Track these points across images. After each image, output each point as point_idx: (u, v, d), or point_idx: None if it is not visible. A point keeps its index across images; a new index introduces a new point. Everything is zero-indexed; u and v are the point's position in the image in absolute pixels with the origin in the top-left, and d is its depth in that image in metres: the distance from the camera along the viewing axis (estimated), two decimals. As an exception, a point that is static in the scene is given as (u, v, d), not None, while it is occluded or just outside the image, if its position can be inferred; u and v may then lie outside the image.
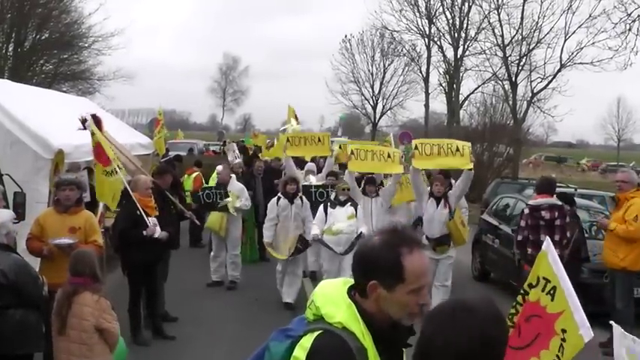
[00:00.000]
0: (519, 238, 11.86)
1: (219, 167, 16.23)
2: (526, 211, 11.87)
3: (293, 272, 14.28)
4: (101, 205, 13.00)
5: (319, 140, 17.07)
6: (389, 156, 14.11)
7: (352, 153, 14.12)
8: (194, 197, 15.73)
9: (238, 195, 15.43)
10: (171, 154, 23.96)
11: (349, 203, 13.61)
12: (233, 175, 15.92)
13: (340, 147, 20.47)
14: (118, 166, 11.38)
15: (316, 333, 3.19)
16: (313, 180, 17.10)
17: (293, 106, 22.86)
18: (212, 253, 15.68)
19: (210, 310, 13.34)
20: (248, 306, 13.83)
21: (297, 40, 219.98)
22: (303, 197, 14.41)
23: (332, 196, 14.04)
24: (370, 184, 14.65)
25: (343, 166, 20.87)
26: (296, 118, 22.01)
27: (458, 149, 12.93)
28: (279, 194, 14.30)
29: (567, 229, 12.02)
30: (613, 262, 11.86)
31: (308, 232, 13.98)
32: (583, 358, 8.29)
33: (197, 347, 11.15)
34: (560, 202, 12.03)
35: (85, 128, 11.34)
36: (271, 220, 14.12)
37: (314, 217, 14.08)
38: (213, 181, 16.53)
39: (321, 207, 13.90)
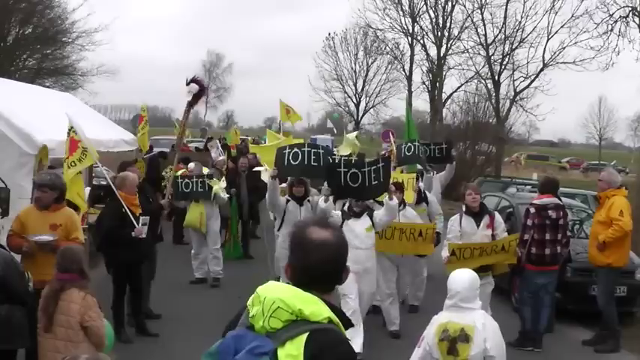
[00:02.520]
0: (526, 237, 11.77)
1: (192, 164, 16.28)
2: (532, 210, 11.82)
3: None
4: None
5: None
6: (420, 234, 12.28)
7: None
8: (173, 184, 14.41)
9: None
10: (156, 150, 23.89)
11: (365, 213, 11.52)
12: (205, 171, 16.02)
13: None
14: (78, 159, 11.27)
15: (304, 336, 3.15)
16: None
17: (284, 101, 22.67)
18: (193, 251, 15.70)
19: (194, 308, 13.32)
20: (231, 303, 13.79)
21: (283, 38, 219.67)
22: (312, 199, 13.31)
23: (345, 207, 11.67)
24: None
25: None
26: (288, 112, 21.82)
27: (503, 248, 11.37)
28: (286, 196, 13.33)
29: (567, 229, 12.31)
30: (599, 259, 11.95)
31: None
32: (570, 357, 8.35)
33: (180, 345, 11.12)
34: (562, 202, 12.14)
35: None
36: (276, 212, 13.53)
37: None
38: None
39: (339, 215, 11.74)
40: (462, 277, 7.18)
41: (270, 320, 3.22)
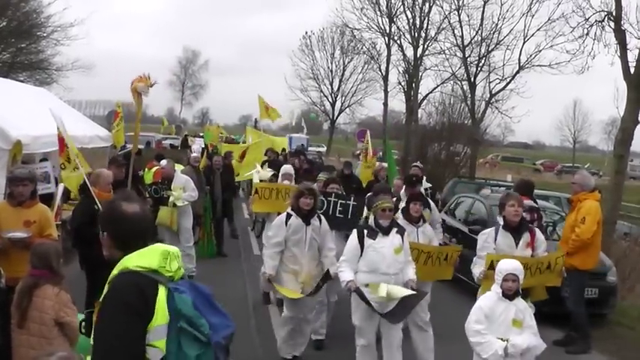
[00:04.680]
0: None
1: (163, 162, 16.01)
2: None
3: (304, 318, 10.70)
4: (58, 197, 12.89)
5: None
6: (446, 258, 10.92)
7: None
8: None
9: (183, 187, 15.26)
10: (129, 146, 23.83)
11: (395, 229, 9.44)
12: (177, 169, 15.84)
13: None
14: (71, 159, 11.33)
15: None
16: None
17: (261, 98, 22.61)
18: None
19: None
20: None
21: (264, 36, 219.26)
22: (322, 216, 10.82)
23: (370, 220, 9.66)
24: (415, 200, 10.97)
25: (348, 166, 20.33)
26: (267, 109, 21.77)
27: (549, 266, 9.86)
28: (288, 211, 10.63)
29: (542, 231, 12.24)
30: (566, 262, 12.03)
31: (328, 264, 10.45)
32: (542, 356, 8.48)
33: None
34: (537, 205, 12.18)
35: None
36: (275, 245, 10.48)
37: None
38: (148, 175, 16.48)
39: (353, 235, 9.51)
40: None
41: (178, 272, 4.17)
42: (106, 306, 3.98)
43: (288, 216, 10.45)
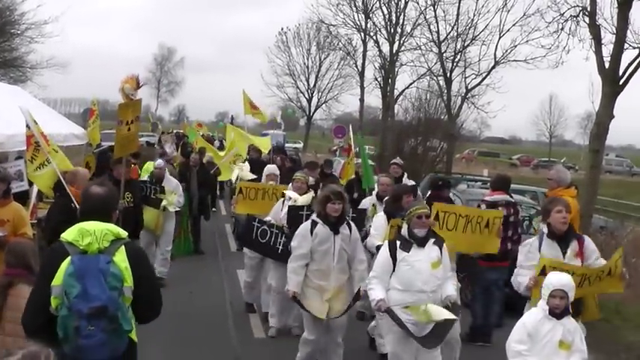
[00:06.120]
0: None
1: (160, 162, 15.48)
2: (483, 207, 11.84)
3: (333, 340, 9.54)
4: (33, 196, 12.81)
5: (283, 196, 12.20)
6: (487, 225, 9.83)
7: (437, 218, 9.41)
8: None
9: (174, 191, 15.07)
10: (104, 144, 23.70)
11: (432, 240, 8.34)
12: (166, 172, 15.49)
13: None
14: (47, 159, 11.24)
15: (123, 247, 5.35)
16: (297, 197, 11.63)
17: (246, 94, 22.36)
18: None
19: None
20: (183, 299, 13.75)
21: (241, 33, 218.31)
22: (352, 223, 9.67)
23: (403, 230, 8.42)
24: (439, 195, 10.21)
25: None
26: (252, 106, 21.52)
27: (610, 272, 8.52)
28: (313, 218, 9.52)
29: (518, 226, 12.32)
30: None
31: (358, 279, 9.30)
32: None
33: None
34: (513, 200, 12.22)
35: None
36: (299, 258, 9.35)
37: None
38: (146, 172, 16.27)
39: (384, 248, 8.48)
40: None
41: (103, 242, 5.27)
42: None
43: (314, 224, 9.31)
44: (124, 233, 5.47)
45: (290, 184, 12.20)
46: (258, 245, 11.45)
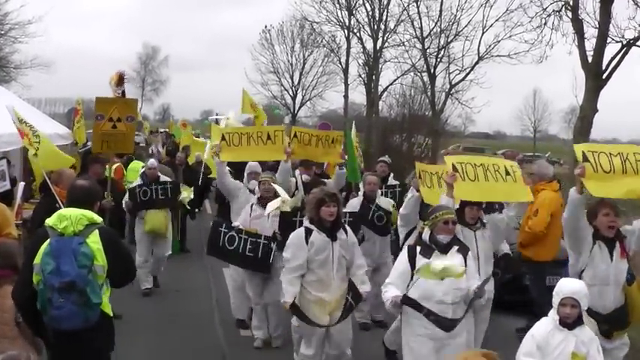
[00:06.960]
0: None
1: (153, 161, 15.14)
2: None
3: (341, 355, 8.89)
4: (18, 196, 12.77)
5: (269, 138, 11.62)
6: (507, 173, 8.78)
7: (455, 169, 8.59)
8: (130, 194, 14.12)
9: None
10: (90, 144, 23.62)
11: (455, 247, 7.67)
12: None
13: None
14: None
15: (97, 230, 6.13)
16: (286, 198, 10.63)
17: (246, 93, 22.18)
18: (140, 259, 13.77)
19: (130, 304, 13.08)
20: (170, 297, 13.74)
21: (227, 31, 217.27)
22: (347, 227, 8.95)
23: (425, 234, 7.79)
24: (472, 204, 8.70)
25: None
26: (252, 107, 21.39)
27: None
28: (306, 224, 8.79)
29: None
30: (523, 253, 12.13)
31: (359, 284, 8.63)
32: (506, 345, 8.25)
33: (119, 339, 11.01)
34: None
35: None
36: (295, 269, 8.59)
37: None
38: (132, 173, 16.18)
39: (403, 254, 7.86)
40: None
41: (77, 226, 6.03)
42: None
43: (308, 231, 8.57)
44: (98, 219, 6.27)
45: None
46: (226, 253, 10.75)
